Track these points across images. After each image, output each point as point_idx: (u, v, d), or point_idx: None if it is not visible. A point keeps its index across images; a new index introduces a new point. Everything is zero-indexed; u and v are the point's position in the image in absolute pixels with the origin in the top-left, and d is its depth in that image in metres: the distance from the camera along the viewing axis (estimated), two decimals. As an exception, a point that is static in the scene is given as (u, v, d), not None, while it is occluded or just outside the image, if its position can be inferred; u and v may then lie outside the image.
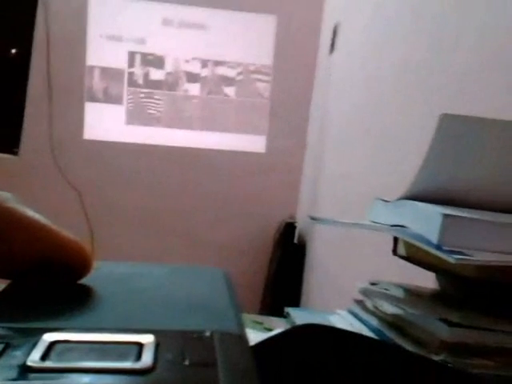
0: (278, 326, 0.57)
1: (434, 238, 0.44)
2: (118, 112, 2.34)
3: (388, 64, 1.42)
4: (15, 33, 2.14)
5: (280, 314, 0.67)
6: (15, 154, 2.08)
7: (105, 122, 2.35)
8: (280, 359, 0.35)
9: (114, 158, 2.31)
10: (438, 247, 0.43)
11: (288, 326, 0.57)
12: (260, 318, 0.62)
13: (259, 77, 2.40)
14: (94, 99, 2.32)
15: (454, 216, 0.44)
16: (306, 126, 2.39)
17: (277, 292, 2.13)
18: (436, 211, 0.45)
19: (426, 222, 0.46)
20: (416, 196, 0.51)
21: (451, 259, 0.41)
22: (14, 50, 2.15)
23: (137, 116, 2.36)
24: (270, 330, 0.56)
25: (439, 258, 0.44)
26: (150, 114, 2.36)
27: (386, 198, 0.56)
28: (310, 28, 2.34)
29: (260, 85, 2.40)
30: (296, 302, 2.05)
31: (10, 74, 2.14)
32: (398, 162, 1.23)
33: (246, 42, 2.37)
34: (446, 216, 0.44)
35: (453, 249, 0.43)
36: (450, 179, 0.50)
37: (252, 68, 2.39)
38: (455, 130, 0.47)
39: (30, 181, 2.14)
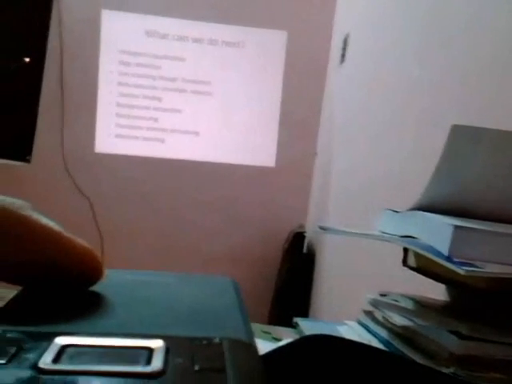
0: (287, 336, 0.57)
1: (445, 250, 0.44)
2: (128, 125, 2.36)
3: (398, 74, 1.43)
4: (29, 41, 2.16)
5: (288, 323, 0.67)
6: (28, 161, 2.10)
7: (116, 135, 2.36)
8: (289, 370, 0.35)
9: (124, 170, 2.33)
10: (449, 259, 0.43)
11: (297, 337, 0.56)
12: (268, 328, 0.62)
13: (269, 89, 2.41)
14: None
15: (465, 227, 0.44)
16: (315, 137, 2.39)
17: (285, 302, 2.13)
18: (447, 222, 0.45)
19: (436, 233, 0.46)
20: (426, 207, 0.51)
21: (462, 271, 0.41)
22: (27, 59, 2.18)
23: (146, 129, 2.37)
24: (279, 340, 0.56)
25: (450, 270, 0.44)
26: (160, 128, 2.38)
27: (396, 209, 0.56)
28: (321, 39, 2.35)
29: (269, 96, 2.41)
30: (305, 312, 2.04)
31: (24, 82, 2.16)
32: (409, 173, 1.22)
33: (255, 57, 2.39)
34: (456, 227, 0.44)
35: (463, 260, 0.42)
36: (460, 190, 0.50)
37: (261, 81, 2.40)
38: (466, 141, 0.47)
39: (42, 188, 2.16)
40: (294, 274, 2.16)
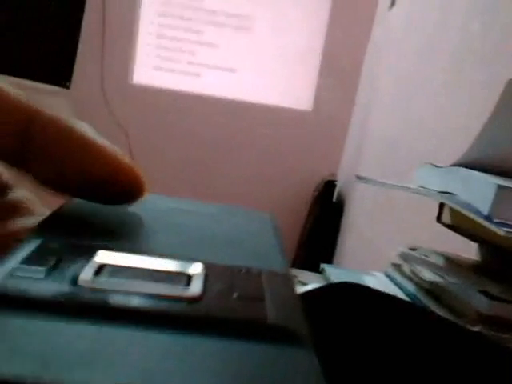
0: (313, 281, 0.57)
1: (485, 209, 0.42)
2: (166, 57, 2.33)
3: (451, 24, 1.36)
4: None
5: (312, 269, 0.67)
6: (67, 87, 2.11)
7: (154, 67, 2.34)
8: (315, 315, 0.36)
9: (160, 104, 2.32)
10: (488, 218, 0.42)
11: (323, 282, 0.57)
12: (295, 272, 0.63)
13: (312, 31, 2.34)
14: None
15: (509, 188, 0.43)
16: (356, 85, 2.33)
17: (311, 248, 2.15)
18: (490, 181, 0.43)
19: (478, 191, 0.44)
20: (470, 164, 0.49)
21: (501, 232, 0.40)
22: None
23: (183, 63, 2.34)
24: (305, 284, 0.57)
25: (486, 230, 0.43)
26: (197, 63, 2.34)
27: (437, 164, 0.54)
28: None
29: (312, 38, 2.34)
30: (329, 260, 2.06)
31: (66, 7, 2.14)
32: (448, 129, 1.19)
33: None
34: (500, 187, 0.42)
35: (503, 221, 0.41)
36: (509, 149, 0.48)
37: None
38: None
39: (79, 115, 2.18)
40: (322, 221, 2.17)
